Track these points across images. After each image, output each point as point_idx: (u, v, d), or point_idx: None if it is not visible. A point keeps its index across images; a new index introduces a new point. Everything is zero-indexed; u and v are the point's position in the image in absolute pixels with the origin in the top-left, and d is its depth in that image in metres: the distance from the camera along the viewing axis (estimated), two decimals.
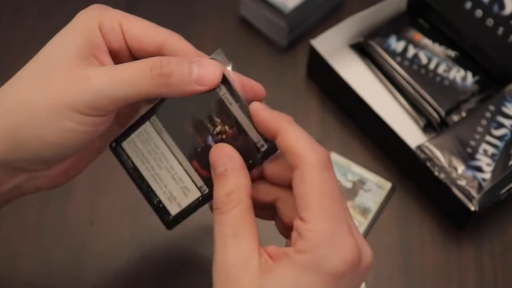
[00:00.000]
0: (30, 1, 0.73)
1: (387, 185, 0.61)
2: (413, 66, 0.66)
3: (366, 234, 0.58)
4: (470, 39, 0.66)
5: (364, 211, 0.59)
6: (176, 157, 0.39)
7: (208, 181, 0.38)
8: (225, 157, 0.36)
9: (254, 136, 0.36)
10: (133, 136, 0.40)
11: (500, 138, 0.60)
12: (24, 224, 0.57)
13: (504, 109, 0.62)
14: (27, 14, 0.72)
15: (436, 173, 0.57)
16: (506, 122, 0.61)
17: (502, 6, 0.64)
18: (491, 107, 0.62)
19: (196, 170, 0.39)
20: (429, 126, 0.64)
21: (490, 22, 0.65)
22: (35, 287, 0.54)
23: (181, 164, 0.39)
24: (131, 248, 0.56)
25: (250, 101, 0.37)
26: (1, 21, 0.72)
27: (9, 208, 0.42)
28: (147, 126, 0.40)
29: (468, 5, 0.66)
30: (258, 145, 0.36)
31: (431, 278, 0.56)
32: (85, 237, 0.56)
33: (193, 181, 0.39)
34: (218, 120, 0.37)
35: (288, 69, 0.69)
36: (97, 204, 0.58)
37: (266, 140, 0.36)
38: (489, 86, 0.66)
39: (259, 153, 0.36)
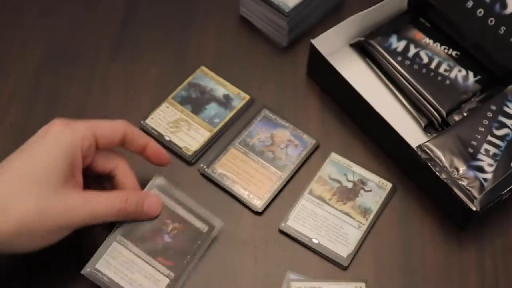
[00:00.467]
0: (30, 1, 0.73)
1: (388, 185, 0.60)
2: (414, 65, 0.66)
3: (366, 234, 0.58)
4: (472, 39, 0.66)
5: (364, 211, 0.59)
6: (143, 260, 0.53)
7: (173, 269, 0.53)
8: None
9: (197, 224, 0.55)
10: (105, 256, 0.52)
11: (501, 138, 0.60)
12: None
13: (506, 109, 0.61)
14: (27, 14, 0.72)
15: (437, 173, 0.57)
16: (507, 122, 0.61)
17: (503, 5, 0.64)
18: (493, 107, 0.61)
19: (160, 263, 0.53)
20: (430, 126, 0.64)
21: (491, 21, 0.65)
22: (35, 287, 0.54)
23: (148, 263, 0.53)
24: None
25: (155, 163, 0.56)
26: (1, 21, 0.72)
27: None
28: (115, 245, 0.53)
29: (470, 4, 0.65)
30: (201, 229, 0.55)
31: (432, 278, 0.56)
32: (85, 237, 0.56)
33: (160, 272, 0.52)
34: (168, 221, 0.54)
35: (288, 69, 0.69)
36: None
37: (208, 224, 0.55)
38: (491, 86, 0.66)
39: (202, 234, 0.55)
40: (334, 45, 0.67)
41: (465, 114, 0.63)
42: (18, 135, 0.47)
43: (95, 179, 0.54)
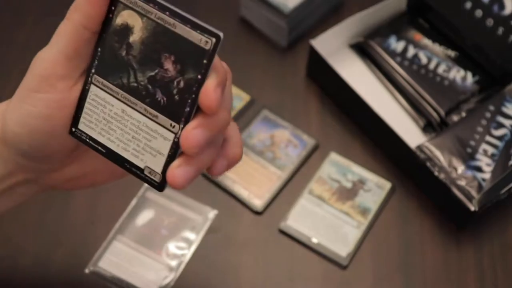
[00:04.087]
0: (30, 1, 0.73)
1: (387, 185, 0.61)
2: (413, 66, 0.66)
3: (366, 234, 0.58)
4: (470, 39, 0.66)
5: (364, 211, 0.59)
6: (143, 254, 0.39)
7: (172, 259, 0.40)
8: None
9: (191, 215, 0.35)
10: (106, 253, 0.40)
11: (500, 138, 0.60)
12: (24, 224, 0.57)
13: (504, 109, 0.62)
14: (27, 14, 0.72)
15: (436, 173, 0.57)
16: (506, 122, 0.61)
17: (502, 6, 0.64)
18: (491, 107, 0.62)
19: (160, 255, 0.39)
20: (429, 126, 0.64)
21: (490, 22, 0.65)
22: (35, 287, 0.54)
23: (148, 257, 0.40)
24: None
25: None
26: (1, 21, 0.72)
27: None
28: (115, 243, 0.40)
29: (468, 5, 0.66)
30: (195, 219, 0.35)
31: (431, 278, 0.56)
32: (85, 237, 0.56)
33: (160, 263, 0.39)
34: (164, 217, 0.36)
35: (288, 69, 0.69)
36: (97, 204, 0.58)
37: (201, 214, 0.35)
38: (489, 86, 0.66)
39: (197, 224, 0.35)
40: (334, 46, 0.68)
41: (463, 114, 0.63)
42: None
43: None
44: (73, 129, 0.37)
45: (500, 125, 0.61)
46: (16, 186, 0.40)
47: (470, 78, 0.66)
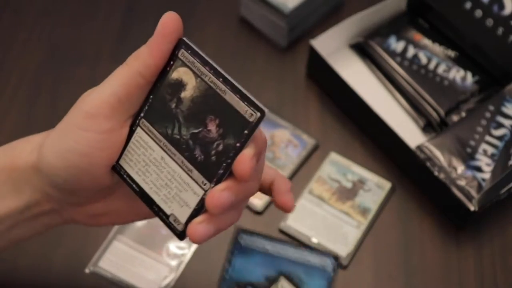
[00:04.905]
0: (30, 1, 0.73)
1: (387, 185, 0.61)
2: (413, 66, 0.66)
3: (366, 234, 0.58)
4: (470, 39, 0.67)
5: (364, 211, 0.59)
6: (143, 254, 0.42)
7: (172, 258, 0.43)
8: None
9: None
10: (106, 253, 0.41)
11: (499, 138, 0.60)
12: None
13: (504, 109, 0.62)
14: (27, 14, 0.72)
15: (436, 173, 0.57)
16: (505, 122, 0.61)
17: (501, 6, 0.64)
18: (491, 107, 0.62)
19: (160, 255, 0.41)
20: (429, 126, 0.64)
21: (489, 22, 0.65)
22: (35, 287, 0.54)
23: (148, 256, 0.42)
24: None
25: None
26: (1, 21, 0.72)
27: None
28: (116, 243, 0.42)
29: (468, 5, 0.66)
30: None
31: (431, 278, 0.56)
32: (85, 237, 0.56)
33: (161, 263, 0.42)
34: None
35: (288, 69, 0.69)
36: None
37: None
38: (489, 86, 0.66)
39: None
40: (334, 46, 0.68)
41: (463, 114, 0.63)
42: (19, 135, 0.47)
43: None
44: (114, 163, 0.38)
45: (500, 125, 0.61)
46: (41, 215, 0.40)
47: (470, 78, 0.66)
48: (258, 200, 0.59)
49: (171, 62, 0.36)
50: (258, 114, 0.34)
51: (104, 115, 0.36)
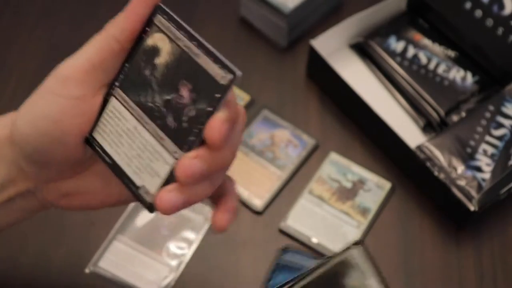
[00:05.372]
0: (30, 1, 0.73)
1: (387, 185, 0.61)
2: (413, 66, 0.66)
3: (366, 234, 0.58)
4: (470, 39, 0.67)
5: (363, 211, 0.59)
6: (143, 253, 0.41)
7: (172, 258, 0.41)
8: None
9: (191, 215, 0.36)
10: (106, 253, 0.40)
11: (499, 138, 0.60)
12: (24, 224, 0.57)
13: (504, 109, 0.62)
14: (27, 14, 0.72)
15: (436, 173, 0.57)
16: (505, 122, 0.61)
17: (501, 6, 0.64)
18: (491, 107, 0.62)
19: (160, 255, 0.40)
20: (429, 126, 0.64)
21: (489, 22, 0.65)
22: (35, 287, 0.54)
23: (148, 256, 0.41)
24: None
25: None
26: (1, 21, 0.72)
27: None
28: (115, 243, 0.41)
29: (468, 5, 0.66)
30: (196, 220, 0.36)
31: (431, 278, 0.56)
32: (85, 237, 0.56)
33: (160, 263, 0.41)
34: (164, 216, 0.38)
35: (288, 69, 0.69)
36: None
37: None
38: (489, 86, 0.66)
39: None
40: (334, 46, 0.68)
41: (463, 114, 0.64)
42: None
43: None
44: (88, 137, 0.37)
45: (500, 125, 0.61)
46: (17, 197, 0.40)
47: (470, 78, 0.66)
48: (258, 200, 0.59)
49: (147, 29, 0.36)
50: (230, 75, 0.33)
51: (76, 79, 0.35)
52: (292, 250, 0.53)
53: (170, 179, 0.35)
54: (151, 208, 0.36)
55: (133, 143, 0.36)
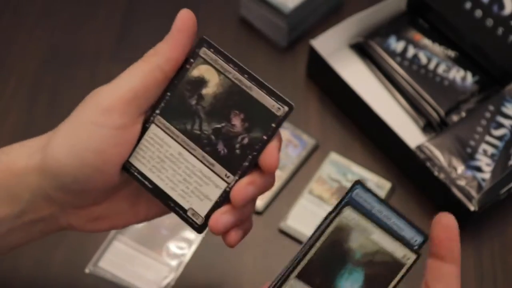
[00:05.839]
0: (30, 1, 0.73)
1: (387, 185, 0.61)
2: (413, 66, 0.66)
3: None
4: (470, 39, 0.67)
5: None
6: (143, 254, 0.43)
7: (172, 258, 0.44)
8: None
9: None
10: (106, 253, 0.43)
11: (499, 138, 0.60)
12: None
13: (504, 109, 0.62)
14: (27, 14, 0.72)
15: (436, 173, 0.57)
16: (505, 122, 0.61)
17: (501, 6, 0.64)
18: (491, 107, 0.62)
19: (160, 255, 0.43)
20: (429, 126, 0.64)
21: (489, 22, 0.65)
22: (35, 287, 0.54)
23: (148, 256, 0.43)
24: None
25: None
26: (1, 21, 0.72)
27: None
28: (116, 243, 0.43)
29: (468, 5, 0.66)
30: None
31: None
32: (85, 237, 0.56)
33: (161, 263, 0.43)
34: (164, 217, 0.41)
35: (288, 69, 0.69)
36: None
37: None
38: (489, 86, 0.66)
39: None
40: (334, 46, 0.68)
41: (463, 114, 0.64)
42: (19, 135, 0.47)
43: None
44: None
45: (500, 125, 0.61)
46: (37, 221, 0.39)
47: (470, 78, 0.66)
48: (258, 200, 0.59)
49: (191, 60, 0.37)
50: (286, 108, 0.36)
51: (119, 110, 0.36)
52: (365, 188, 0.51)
53: (221, 201, 0.38)
54: (200, 229, 0.38)
55: (178, 168, 0.38)
